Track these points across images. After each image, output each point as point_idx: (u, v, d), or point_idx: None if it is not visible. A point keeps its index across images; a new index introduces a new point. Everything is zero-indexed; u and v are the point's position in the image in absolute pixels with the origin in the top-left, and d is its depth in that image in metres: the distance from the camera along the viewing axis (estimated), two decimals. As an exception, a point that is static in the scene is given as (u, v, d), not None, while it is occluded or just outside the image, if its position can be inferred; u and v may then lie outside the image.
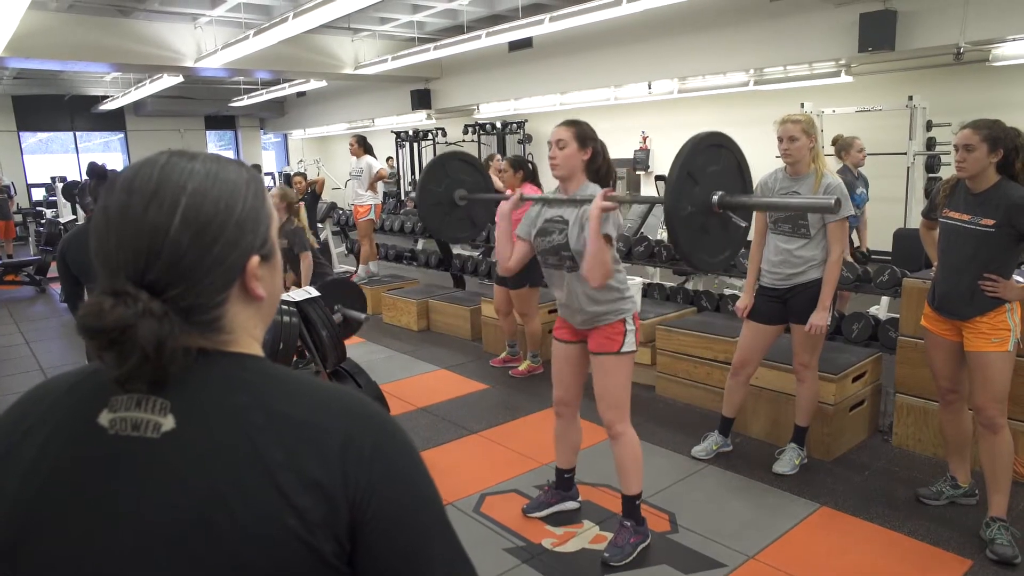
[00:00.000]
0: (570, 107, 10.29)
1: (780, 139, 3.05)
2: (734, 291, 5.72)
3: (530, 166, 4.67)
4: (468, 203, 3.00)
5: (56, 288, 8.32)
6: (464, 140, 13.46)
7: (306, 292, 3.31)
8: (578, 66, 9.57)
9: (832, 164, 3.48)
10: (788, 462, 3.31)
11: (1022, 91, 7.42)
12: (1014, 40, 6.21)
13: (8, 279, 8.61)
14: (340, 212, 8.91)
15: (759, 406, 3.69)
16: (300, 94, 15.02)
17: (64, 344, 6.10)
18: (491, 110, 11.70)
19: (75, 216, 11.93)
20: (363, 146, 7.04)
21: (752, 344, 3.30)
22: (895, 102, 7.62)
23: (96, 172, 3.43)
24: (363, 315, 3.70)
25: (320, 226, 7.95)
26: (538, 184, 4.68)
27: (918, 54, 7.06)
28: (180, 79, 10.70)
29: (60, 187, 11.84)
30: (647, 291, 5.52)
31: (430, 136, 13.97)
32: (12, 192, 12.69)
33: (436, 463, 3.43)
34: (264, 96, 13.81)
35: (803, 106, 7.53)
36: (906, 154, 7.40)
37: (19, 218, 12.51)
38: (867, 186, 5.07)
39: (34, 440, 0.68)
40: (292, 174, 9.11)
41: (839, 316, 4.17)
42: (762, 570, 2.59)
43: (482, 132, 13.06)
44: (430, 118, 12.90)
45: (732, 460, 3.45)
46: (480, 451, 3.69)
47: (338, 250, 8.32)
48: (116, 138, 17.12)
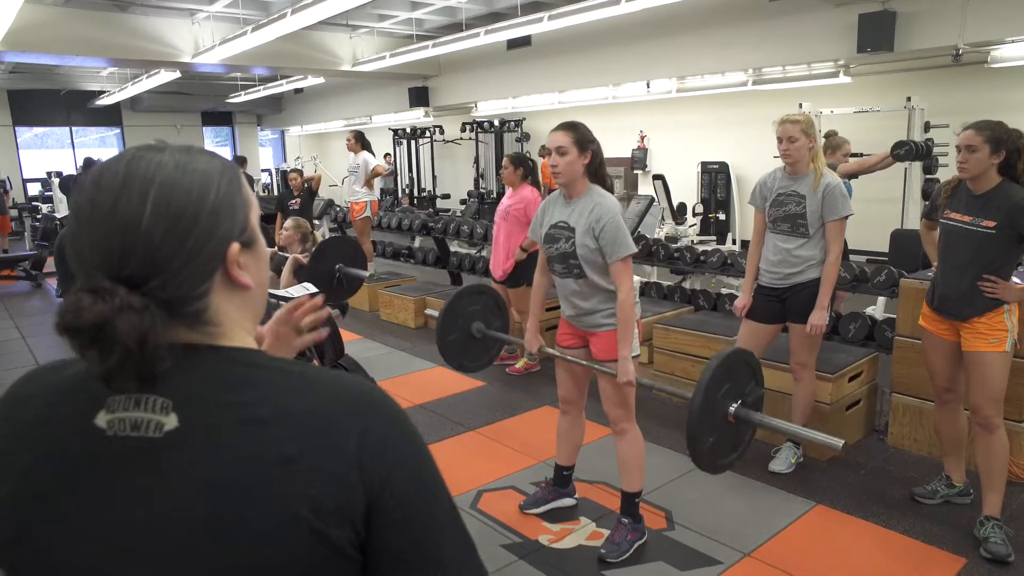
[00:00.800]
0: (568, 106, 10.29)
1: (779, 139, 3.05)
2: (731, 290, 5.72)
3: (530, 163, 4.67)
4: (484, 335, 3.06)
5: (52, 283, 8.30)
6: (462, 138, 13.47)
7: (304, 289, 3.31)
8: (576, 65, 9.58)
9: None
10: (784, 461, 3.31)
11: (1021, 93, 7.44)
12: (1013, 42, 6.22)
13: (4, 274, 8.58)
14: (337, 209, 8.89)
15: (756, 405, 3.69)
16: (298, 91, 15.01)
17: (60, 339, 6.07)
18: (489, 108, 11.69)
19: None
20: (360, 142, 7.01)
21: (750, 343, 3.30)
22: (893, 103, 7.65)
23: (91, 167, 3.43)
24: (365, 272, 3.66)
25: (317, 223, 7.94)
26: (537, 183, 4.67)
27: (917, 55, 7.08)
28: (177, 74, 10.67)
29: (56, 182, 11.80)
30: (644, 290, 5.53)
31: (428, 134, 13.97)
32: (8, 187, 12.65)
33: (435, 458, 3.43)
34: (261, 92, 13.79)
35: (801, 106, 7.55)
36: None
37: (15, 213, 12.48)
38: (848, 186, 5.11)
39: (27, 443, 0.67)
40: (288, 171, 9.09)
41: (836, 316, 4.18)
42: (757, 567, 2.59)
43: (480, 130, 13.06)
44: (428, 116, 12.90)
45: (728, 458, 3.46)
46: (477, 448, 3.69)
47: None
48: (112, 133, 17.07)
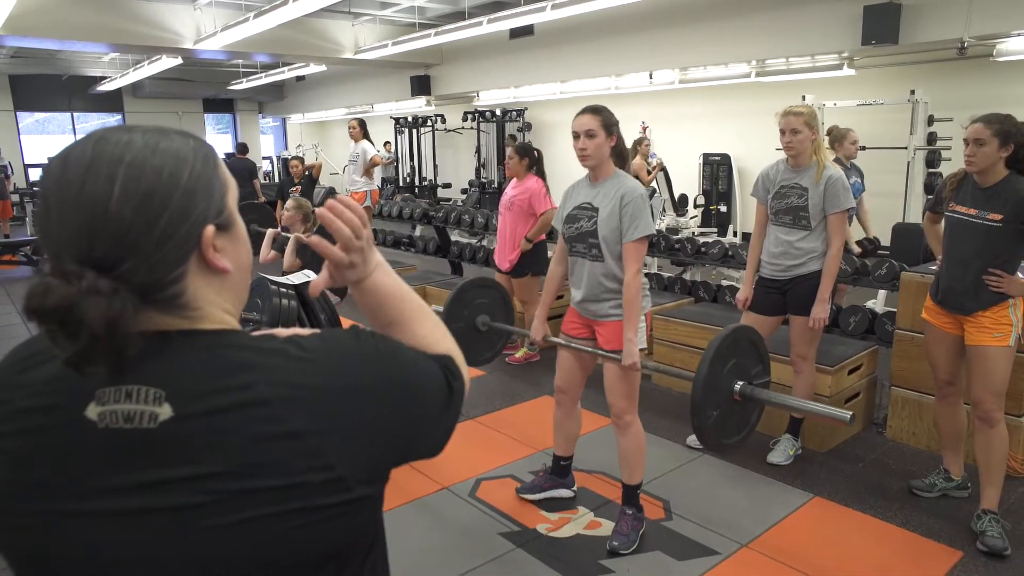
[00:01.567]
0: (570, 96, 10.25)
1: (783, 132, 3.04)
2: (731, 282, 5.72)
3: (535, 153, 4.63)
4: (489, 328, 3.05)
5: (52, 269, 8.27)
6: (463, 127, 13.42)
7: (304, 276, 3.30)
8: (579, 54, 9.53)
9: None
10: (783, 452, 3.32)
11: (1025, 87, 7.40)
12: (1019, 35, 6.18)
13: (5, 259, 8.58)
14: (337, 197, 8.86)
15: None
16: (299, 78, 14.94)
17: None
18: (491, 97, 11.64)
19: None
20: (363, 130, 7.00)
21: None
22: (897, 96, 7.61)
23: None
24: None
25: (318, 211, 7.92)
26: (542, 174, 4.63)
27: (921, 48, 7.04)
28: (179, 61, 10.62)
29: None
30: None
31: (429, 122, 13.93)
32: (9, 172, 12.62)
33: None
34: (263, 80, 13.73)
35: (804, 99, 7.51)
36: (907, 148, 7.39)
37: (16, 198, 12.46)
38: (862, 176, 5.08)
39: (16, 432, 0.66)
40: (290, 158, 9.06)
41: (836, 309, 4.18)
42: (755, 558, 2.60)
43: (482, 119, 13.02)
44: (430, 104, 12.84)
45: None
46: (476, 437, 3.70)
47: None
48: (114, 119, 17.01)
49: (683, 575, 2.50)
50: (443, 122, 13.73)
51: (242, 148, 10.85)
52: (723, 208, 9.60)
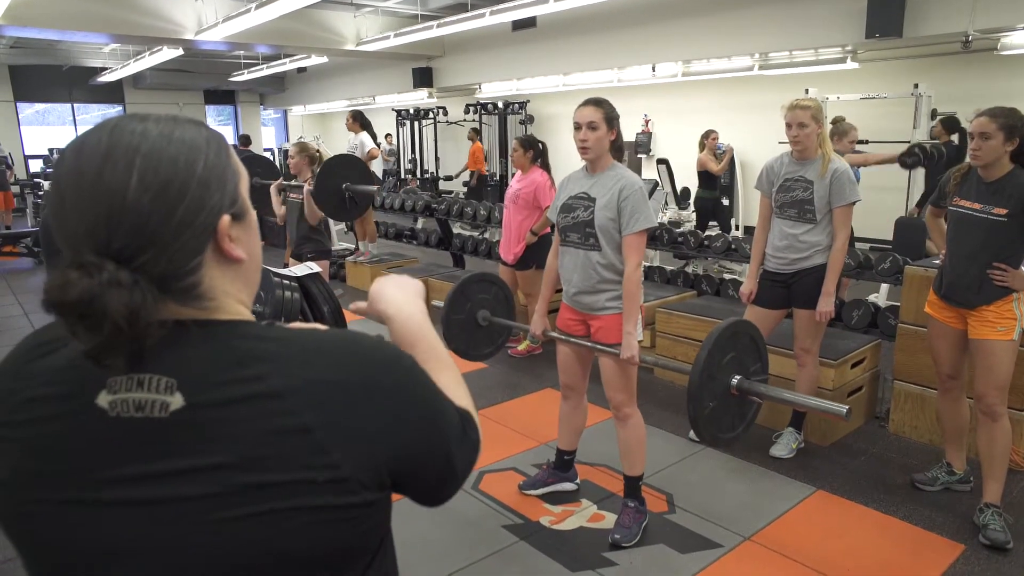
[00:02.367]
0: (573, 88, 10.22)
1: (788, 125, 3.03)
2: (734, 276, 5.72)
3: (540, 146, 4.62)
4: (490, 323, 3.05)
5: (54, 260, 8.28)
6: (465, 120, 13.39)
7: (307, 267, 3.29)
8: (582, 47, 9.49)
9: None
10: (785, 446, 3.32)
11: (1028, 81, 7.39)
12: (1023, 29, 6.16)
13: (6, 250, 8.58)
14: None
15: (758, 390, 3.69)
16: (301, 70, 14.89)
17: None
18: (493, 90, 11.61)
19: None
20: (360, 122, 6.90)
21: (754, 328, 3.30)
22: (900, 90, 7.58)
23: None
24: (373, 187, 3.66)
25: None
26: (547, 166, 4.62)
27: (925, 41, 7.01)
28: (180, 52, 10.59)
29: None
30: (648, 274, 5.52)
31: (431, 115, 13.89)
32: (10, 163, 12.60)
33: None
34: (264, 71, 13.68)
35: (808, 92, 7.49)
36: (909, 142, 7.37)
37: (17, 189, 12.43)
38: (857, 175, 5.08)
39: (26, 421, 0.66)
40: (288, 149, 9.03)
41: (840, 303, 4.17)
42: (758, 551, 2.61)
43: (484, 112, 12.98)
44: (432, 96, 12.81)
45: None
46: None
47: (337, 227, 8.29)
48: (114, 111, 16.97)
49: (686, 568, 2.51)
50: (445, 114, 13.69)
51: (244, 140, 10.82)
52: (725, 201, 9.58)
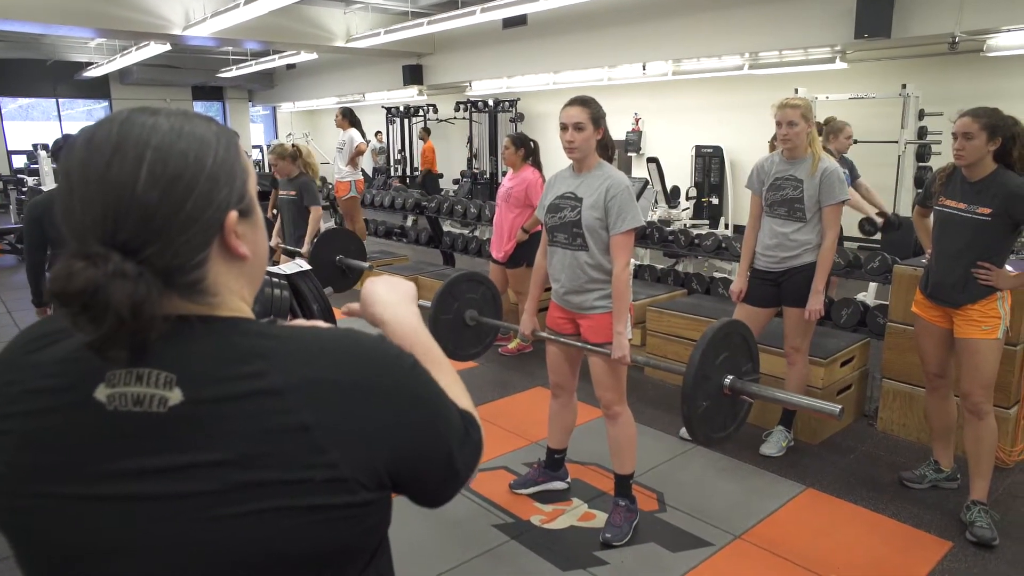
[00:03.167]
0: (563, 86, 10.22)
1: (779, 123, 3.04)
2: (724, 275, 5.74)
3: (531, 144, 4.62)
4: (477, 323, 3.05)
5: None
6: (455, 117, 13.37)
7: (297, 265, 3.27)
8: (572, 45, 9.49)
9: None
10: (775, 444, 3.34)
11: (1015, 82, 7.45)
12: (1008, 31, 6.22)
13: (-10, 247, 8.48)
14: (330, 186, 8.82)
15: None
16: (290, 66, 14.81)
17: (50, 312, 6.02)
18: (483, 88, 11.59)
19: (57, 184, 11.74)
20: (349, 119, 6.83)
21: (743, 327, 3.31)
22: (888, 90, 7.65)
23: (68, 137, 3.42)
24: (366, 264, 3.70)
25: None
26: (538, 164, 4.62)
27: (913, 42, 7.06)
28: (167, 47, 10.49)
29: (43, 155, 11.65)
30: (638, 272, 5.53)
31: (421, 112, 13.85)
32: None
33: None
34: (253, 67, 13.60)
35: (797, 91, 7.53)
36: (897, 142, 7.43)
37: None
38: (852, 167, 5.11)
39: (21, 413, 0.66)
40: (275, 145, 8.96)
41: (829, 302, 4.20)
42: (748, 549, 2.62)
43: (474, 110, 12.97)
44: (422, 94, 12.76)
45: (719, 441, 3.48)
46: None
47: (327, 225, 8.25)
48: (100, 106, 16.81)
49: (677, 566, 2.51)
50: (435, 112, 13.67)
51: (232, 136, 10.71)
52: (715, 200, 9.62)
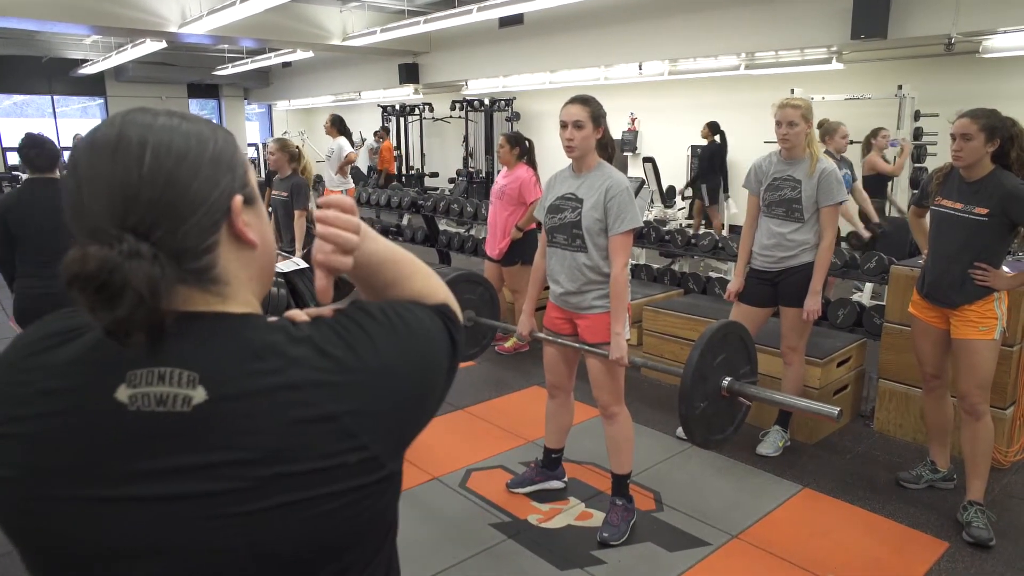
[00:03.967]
0: (559, 86, 10.21)
1: (779, 123, 3.04)
2: (720, 274, 5.74)
3: (526, 143, 4.63)
4: (475, 324, 3.05)
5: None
6: (451, 116, 13.34)
7: (294, 263, 3.26)
8: (568, 45, 9.49)
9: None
10: (772, 444, 3.34)
11: (1011, 83, 7.47)
12: (1005, 32, 6.24)
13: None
14: (323, 187, 8.79)
15: (744, 388, 3.71)
16: (286, 64, 14.77)
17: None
18: (479, 87, 11.57)
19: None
20: (338, 127, 6.72)
21: (741, 327, 3.31)
22: (884, 91, 7.66)
23: (31, 137, 3.34)
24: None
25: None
26: (533, 163, 4.63)
27: (910, 43, 7.08)
28: (163, 45, 10.44)
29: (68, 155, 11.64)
30: (634, 272, 5.53)
31: (417, 111, 13.83)
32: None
33: (422, 438, 3.39)
34: (249, 65, 13.56)
35: (793, 92, 7.53)
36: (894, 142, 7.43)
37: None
38: (852, 169, 5.14)
39: (37, 414, 0.64)
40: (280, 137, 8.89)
41: (826, 302, 4.20)
42: (745, 549, 2.62)
43: (470, 109, 12.95)
44: (418, 93, 12.74)
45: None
46: (466, 427, 3.69)
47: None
48: (95, 104, 16.73)
49: (674, 566, 2.51)
50: (431, 111, 13.64)
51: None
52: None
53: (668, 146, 10.12)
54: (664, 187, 8.84)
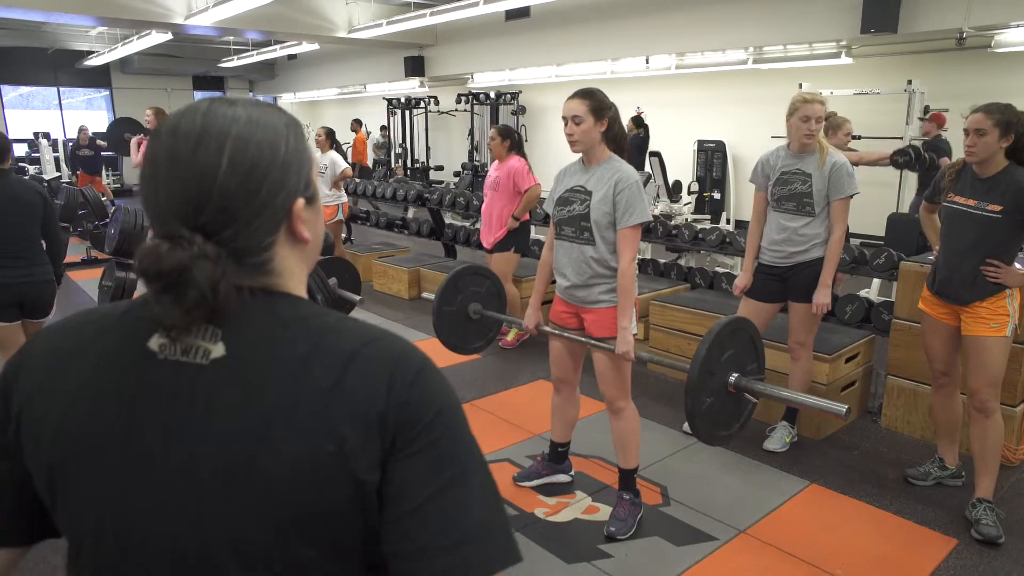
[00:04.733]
0: (566, 79, 10.18)
1: (807, 118, 3.00)
2: (727, 269, 5.73)
3: (516, 135, 4.72)
4: (481, 317, 3.03)
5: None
6: (457, 109, 13.32)
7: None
8: (575, 38, 9.45)
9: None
10: (779, 440, 3.33)
11: (1022, 79, 7.42)
12: (1017, 26, 6.18)
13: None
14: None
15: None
16: (291, 57, 14.76)
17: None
18: (485, 80, 11.55)
19: (59, 173, 11.71)
20: (330, 140, 6.70)
21: (749, 322, 3.30)
22: (894, 86, 7.61)
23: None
24: (358, 297, 3.72)
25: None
26: (523, 154, 4.72)
27: (920, 37, 7.03)
28: (169, 36, 10.44)
29: (44, 143, 11.66)
30: (641, 266, 5.51)
31: (423, 104, 13.80)
32: None
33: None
34: (255, 58, 13.54)
35: (801, 87, 7.49)
36: (902, 139, 7.39)
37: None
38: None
39: (81, 365, 0.69)
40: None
41: (834, 297, 4.18)
42: (752, 544, 2.61)
43: (475, 102, 12.92)
44: (423, 86, 12.71)
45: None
46: (472, 420, 3.59)
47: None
48: (101, 95, 16.75)
49: (681, 560, 2.51)
50: (436, 104, 13.61)
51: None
52: (716, 195, 9.60)
53: (674, 141, 10.08)
54: (670, 182, 8.81)
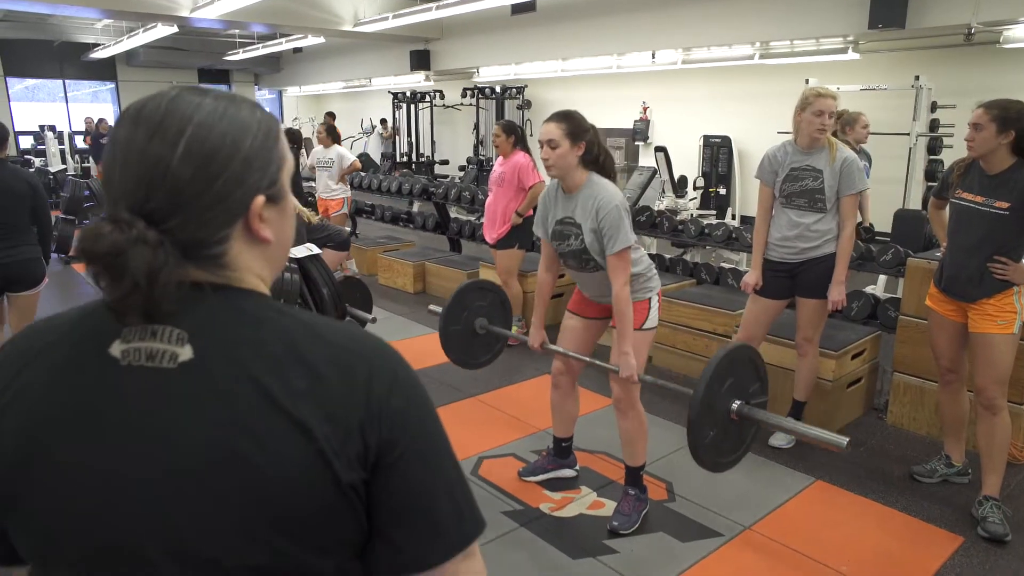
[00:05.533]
0: (571, 74, 10.15)
1: (820, 113, 2.98)
2: (732, 265, 5.71)
3: (520, 130, 4.73)
4: (487, 331, 3.02)
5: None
6: (462, 104, 13.30)
7: (307, 249, 3.26)
8: (581, 32, 9.42)
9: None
10: (784, 436, 3.32)
11: (1029, 75, 7.38)
12: (1026, 22, 6.14)
13: None
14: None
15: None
16: (297, 50, 14.73)
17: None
18: (491, 74, 11.52)
19: (64, 165, 11.72)
20: (332, 135, 6.70)
21: (758, 319, 3.29)
22: (901, 82, 7.57)
23: None
24: (370, 316, 3.72)
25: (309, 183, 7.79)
26: (528, 150, 4.72)
27: (928, 33, 6.99)
28: (174, 29, 10.44)
29: (49, 136, 11.68)
30: (646, 262, 5.49)
31: (428, 98, 13.79)
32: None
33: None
34: (260, 51, 13.55)
35: (808, 82, 7.46)
36: (909, 135, 7.37)
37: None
38: (870, 162, 5.05)
39: (39, 370, 0.67)
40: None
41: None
42: (758, 540, 2.61)
43: (481, 96, 12.90)
44: (428, 80, 12.70)
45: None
46: (477, 415, 3.69)
47: (316, 217, 8.20)
48: (106, 88, 16.77)
49: (686, 556, 2.51)
50: (442, 98, 13.60)
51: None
52: (722, 191, 9.57)
53: (680, 136, 10.04)
54: (676, 177, 8.79)
